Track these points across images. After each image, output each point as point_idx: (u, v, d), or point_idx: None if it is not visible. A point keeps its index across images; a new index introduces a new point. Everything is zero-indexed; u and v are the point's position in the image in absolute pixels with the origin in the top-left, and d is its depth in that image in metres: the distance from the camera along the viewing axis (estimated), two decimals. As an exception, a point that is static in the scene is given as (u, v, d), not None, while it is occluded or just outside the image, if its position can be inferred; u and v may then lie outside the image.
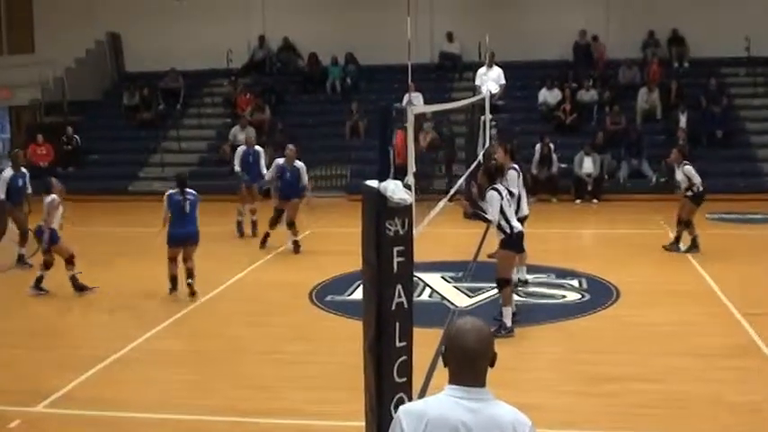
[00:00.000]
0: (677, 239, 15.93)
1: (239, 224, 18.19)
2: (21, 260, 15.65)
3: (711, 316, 11.51)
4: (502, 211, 10.87)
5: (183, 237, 13.15)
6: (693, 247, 15.71)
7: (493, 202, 10.87)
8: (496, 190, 10.94)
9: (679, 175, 16.01)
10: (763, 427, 8.17)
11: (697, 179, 15.71)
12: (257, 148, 18.79)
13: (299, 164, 16.70)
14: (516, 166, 12.97)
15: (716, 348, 9.38)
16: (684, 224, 15.88)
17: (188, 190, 13.34)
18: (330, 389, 9.10)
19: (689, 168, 15.72)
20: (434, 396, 3.70)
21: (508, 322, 11.02)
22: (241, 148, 18.84)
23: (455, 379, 3.67)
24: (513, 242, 11.08)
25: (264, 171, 17.89)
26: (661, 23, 27.84)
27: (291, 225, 16.53)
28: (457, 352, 3.66)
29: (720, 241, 16.90)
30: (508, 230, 10.92)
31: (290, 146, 17.16)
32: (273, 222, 16.74)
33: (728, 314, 11.68)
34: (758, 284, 13.56)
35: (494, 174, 11.24)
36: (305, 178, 16.72)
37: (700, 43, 27.58)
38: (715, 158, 24.27)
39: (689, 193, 15.80)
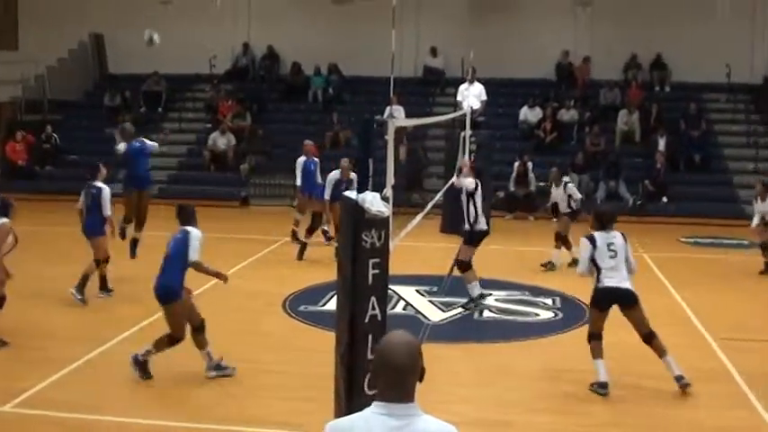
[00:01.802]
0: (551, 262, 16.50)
1: (294, 233, 17.66)
2: None
3: (684, 339, 11.55)
4: (474, 206, 12.90)
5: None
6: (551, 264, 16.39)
7: (467, 184, 12.97)
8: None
9: (559, 193, 16.54)
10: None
11: (578, 196, 16.65)
12: (316, 159, 18.10)
13: (353, 176, 16.34)
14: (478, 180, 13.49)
15: (688, 372, 9.42)
16: (563, 240, 16.42)
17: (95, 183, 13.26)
18: (301, 399, 9.08)
19: (571, 186, 16.68)
20: (361, 413, 3.68)
21: (475, 292, 12.99)
22: (301, 159, 17.96)
23: (382, 395, 3.64)
24: (471, 237, 13.09)
25: (320, 180, 17.49)
26: (644, 47, 28.05)
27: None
28: (385, 368, 3.63)
29: (695, 265, 17.01)
30: (468, 226, 13.03)
31: (345, 159, 16.88)
32: (311, 231, 16.84)
33: (701, 338, 11.75)
34: (732, 309, 13.66)
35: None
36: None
37: (681, 68, 27.85)
38: (692, 183, 24.52)
39: (568, 210, 16.45)
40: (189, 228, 9.85)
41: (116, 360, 10.36)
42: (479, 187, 13.27)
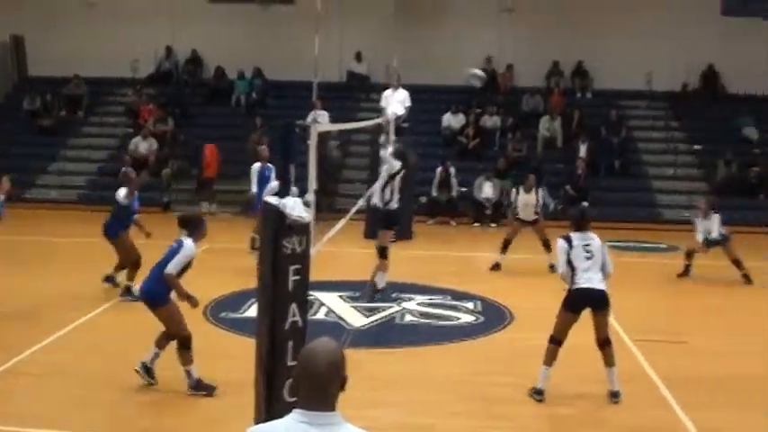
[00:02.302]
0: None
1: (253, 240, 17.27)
2: None
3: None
4: (392, 188, 13.54)
5: None
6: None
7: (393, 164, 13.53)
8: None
9: (531, 199, 16.96)
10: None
11: (548, 202, 17.53)
12: (270, 165, 17.64)
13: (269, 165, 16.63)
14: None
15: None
16: (506, 244, 16.86)
17: None
18: (220, 407, 9.02)
19: (544, 193, 17.47)
20: (282, 419, 3.67)
21: (380, 284, 13.53)
22: (257, 165, 17.51)
23: (304, 403, 3.63)
24: (385, 218, 13.79)
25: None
26: (566, 54, 28.46)
27: None
28: (307, 376, 3.63)
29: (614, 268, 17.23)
30: (381, 205, 13.75)
31: (263, 147, 16.94)
32: None
33: (619, 340, 11.90)
34: (648, 312, 13.93)
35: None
36: None
37: (603, 75, 28.38)
38: (612, 188, 24.94)
39: (534, 217, 16.94)
40: (185, 239, 9.77)
41: (33, 370, 10.18)
42: (402, 172, 13.58)
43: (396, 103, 20.91)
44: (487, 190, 23.74)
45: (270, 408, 6.73)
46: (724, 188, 24.56)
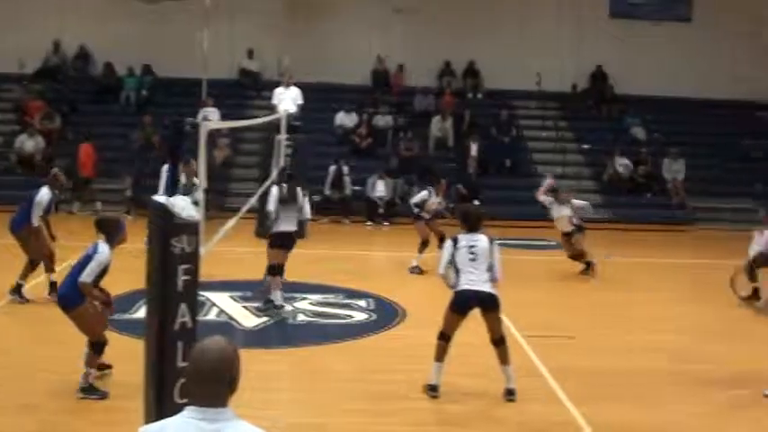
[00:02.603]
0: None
1: None
2: None
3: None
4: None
5: None
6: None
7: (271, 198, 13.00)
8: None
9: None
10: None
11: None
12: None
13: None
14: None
15: (495, 368, 9.65)
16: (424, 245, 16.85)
17: None
18: (108, 410, 8.84)
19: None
20: (173, 417, 3.67)
21: (277, 301, 13.03)
22: (166, 166, 16.82)
23: (195, 399, 3.64)
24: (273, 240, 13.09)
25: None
26: (457, 54, 28.80)
27: None
28: (198, 372, 3.63)
29: (504, 265, 17.44)
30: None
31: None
32: None
33: (510, 335, 12.06)
34: (538, 307, 14.16)
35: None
36: None
37: (494, 76, 28.75)
38: (503, 186, 25.27)
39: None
40: (100, 243, 9.40)
41: None
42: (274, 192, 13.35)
43: (288, 100, 20.88)
44: (380, 189, 23.84)
45: (160, 409, 6.62)
46: (612, 187, 25.25)
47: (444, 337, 9.55)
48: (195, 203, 6.94)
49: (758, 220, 17.21)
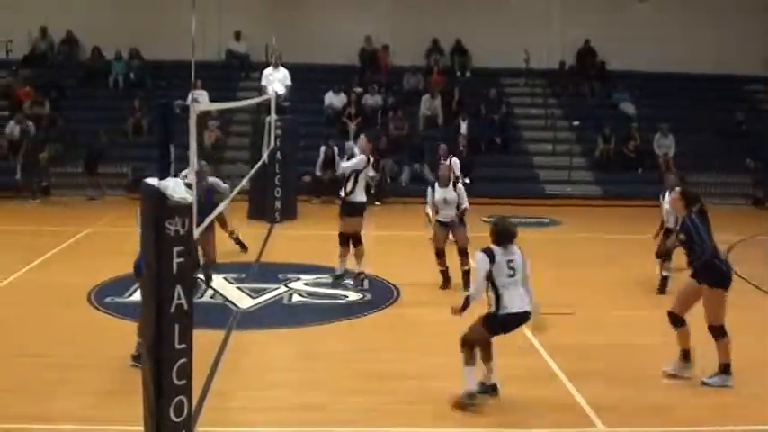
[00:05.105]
0: None
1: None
2: None
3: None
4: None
5: None
6: None
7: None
8: None
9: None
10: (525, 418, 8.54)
11: None
12: None
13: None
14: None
15: (494, 347, 9.65)
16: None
17: None
18: (107, 392, 8.84)
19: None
20: None
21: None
22: None
23: None
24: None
25: None
26: (445, 33, 28.81)
27: None
28: None
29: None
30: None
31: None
32: None
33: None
34: (535, 285, 14.10)
35: None
36: None
37: (482, 54, 28.73)
38: (494, 164, 25.26)
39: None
40: None
41: None
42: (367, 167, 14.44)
43: (276, 82, 20.80)
44: (371, 169, 23.76)
45: (159, 391, 6.63)
46: (603, 163, 25.30)
47: (469, 345, 8.81)
48: (187, 186, 6.89)
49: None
